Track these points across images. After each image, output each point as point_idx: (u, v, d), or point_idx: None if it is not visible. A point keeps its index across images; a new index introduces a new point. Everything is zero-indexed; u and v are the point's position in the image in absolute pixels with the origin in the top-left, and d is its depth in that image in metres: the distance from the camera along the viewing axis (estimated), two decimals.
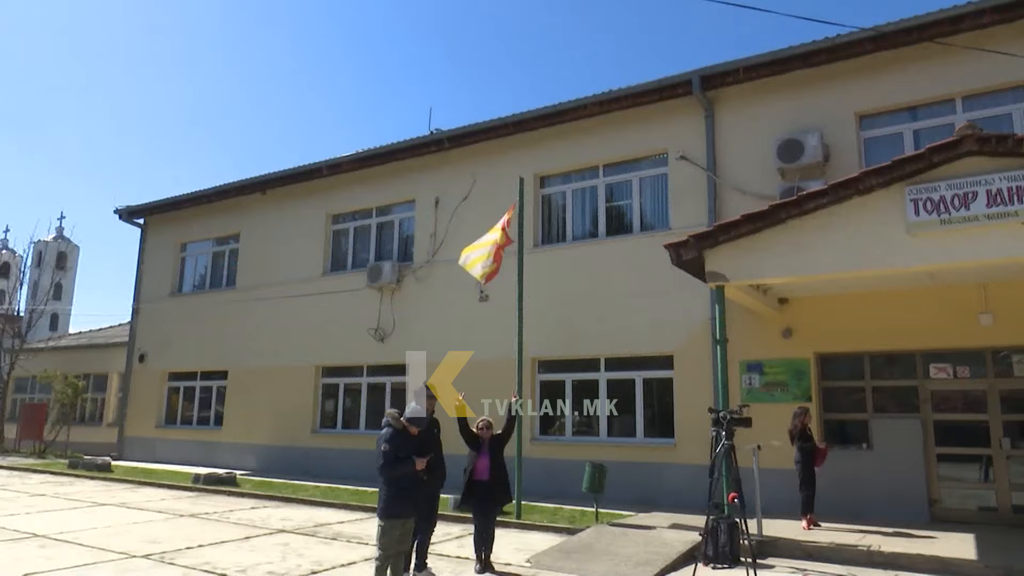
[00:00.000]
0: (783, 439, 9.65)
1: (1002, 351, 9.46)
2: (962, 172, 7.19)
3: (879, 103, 10.50)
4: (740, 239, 8.26)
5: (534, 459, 11.90)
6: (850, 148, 10.52)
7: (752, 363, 10.70)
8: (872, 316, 9.94)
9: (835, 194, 7.75)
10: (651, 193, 12.49)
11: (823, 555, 7.55)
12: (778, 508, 9.34)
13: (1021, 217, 6.87)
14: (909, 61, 10.11)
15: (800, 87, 10.96)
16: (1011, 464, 9.31)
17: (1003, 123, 9.60)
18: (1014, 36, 9.33)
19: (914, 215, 7.34)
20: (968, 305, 9.36)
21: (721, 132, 11.60)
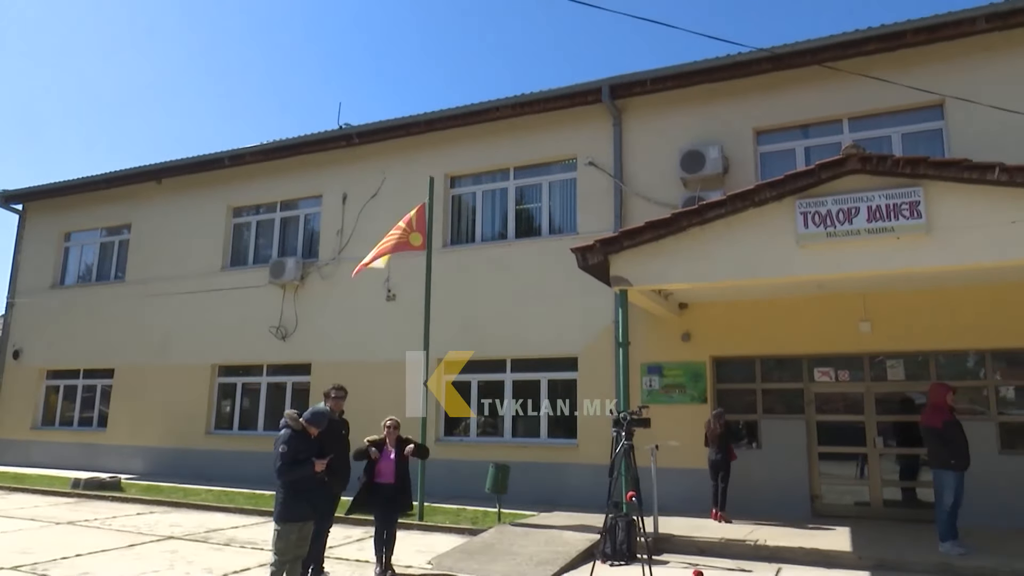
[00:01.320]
0: (680, 439, 10.05)
1: (878, 356, 10.16)
2: (847, 188, 7.69)
3: (775, 120, 11.07)
4: (644, 245, 8.52)
5: (439, 460, 11.82)
6: (748, 161, 11.04)
7: (652, 365, 11.05)
8: (764, 322, 10.46)
9: (733, 205, 8.11)
10: (560, 197, 12.69)
11: (714, 550, 7.87)
12: (674, 506, 9.66)
13: (897, 232, 7.41)
14: (803, 82, 10.70)
15: (703, 101, 11.41)
16: (883, 462, 10.02)
17: (884, 144, 10.31)
18: (894, 65, 10.05)
19: (803, 227, 7.78)
20: (850, 313, 10.00)
21: (628, 140, 11.93)
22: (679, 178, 11.14)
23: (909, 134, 10.34)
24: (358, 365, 13.08)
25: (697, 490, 10.18)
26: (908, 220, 7.36)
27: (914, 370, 9.97)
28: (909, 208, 7.38)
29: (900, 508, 9.79)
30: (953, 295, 9.43)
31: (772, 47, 10.32)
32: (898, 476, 10.02)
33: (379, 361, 12.91)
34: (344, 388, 6.98)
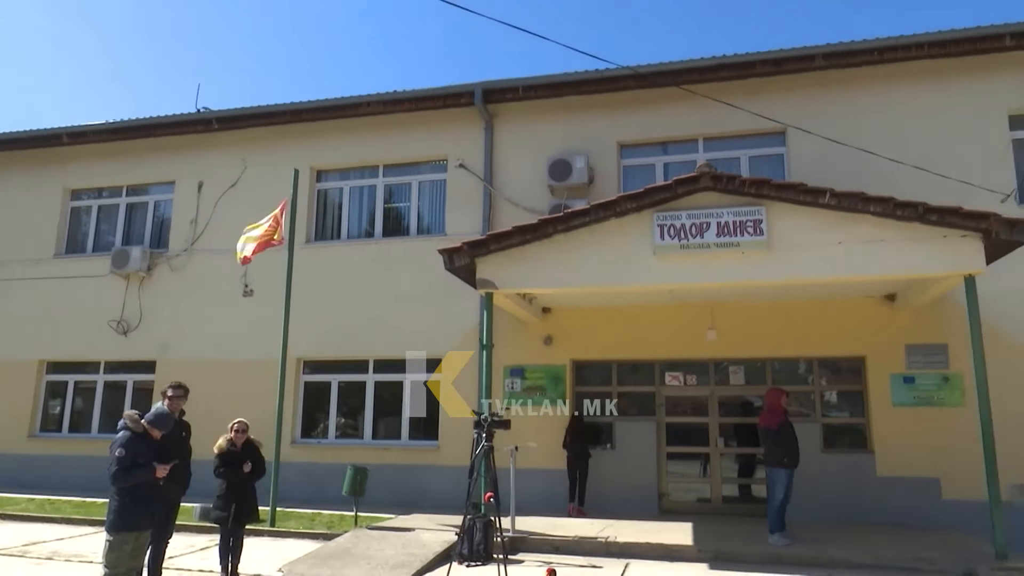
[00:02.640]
0: (540, 440, 10.29)
1: (723, 362, 10.88)
2: (700, 204, 8.19)
3: (637, 135, 11.60)
4: (511, 249, 8.65)
5: (294, 463, 11.43)
6: (611, 173, 11.49)
7: (515, 368, 11.23)
8: (621, 328, 10.91)
9: (596, 214, 8.41)
10: (429, 197, 12.63)
11: (568, 548, 8.11)
12: (532, 505, 9.88)
13: (742, 247, 7.98)
14: (664, 102, 11.27)
15: (572, 112, 11.75)
16: (723, 460, 10.75)
17: (733, 165, 11.07)
18: (745, 92, 10.81)
19: (660, 239, 8.21)
20: (699, 321, 10.63)
21: (499, 145, 12.07)
22: (547, 185, 11.41)
23: (755, 157, 11.17)
24: (212, 364, 12.37)
25: (554, 489, 10.47)
26: (752, 236, 7.96)
27: (753, 375, 10.76)
28: (753, 225, 7.97)
29: (737, 504, 10.54)
30: (789, 307, 10.27)
31: (636, 66, 10.80)
32: (736, 474, 10.78)
33: (237, 360, 12.28)
34: (184, 386, 6.44)
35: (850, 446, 10.21)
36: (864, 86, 10.65)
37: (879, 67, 10.49)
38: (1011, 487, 9.00)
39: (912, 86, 10.51)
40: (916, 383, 9.84)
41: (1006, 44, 9.94)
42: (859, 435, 10.21)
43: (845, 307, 10.10)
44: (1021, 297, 9.52)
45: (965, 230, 7.52)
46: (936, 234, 7.60)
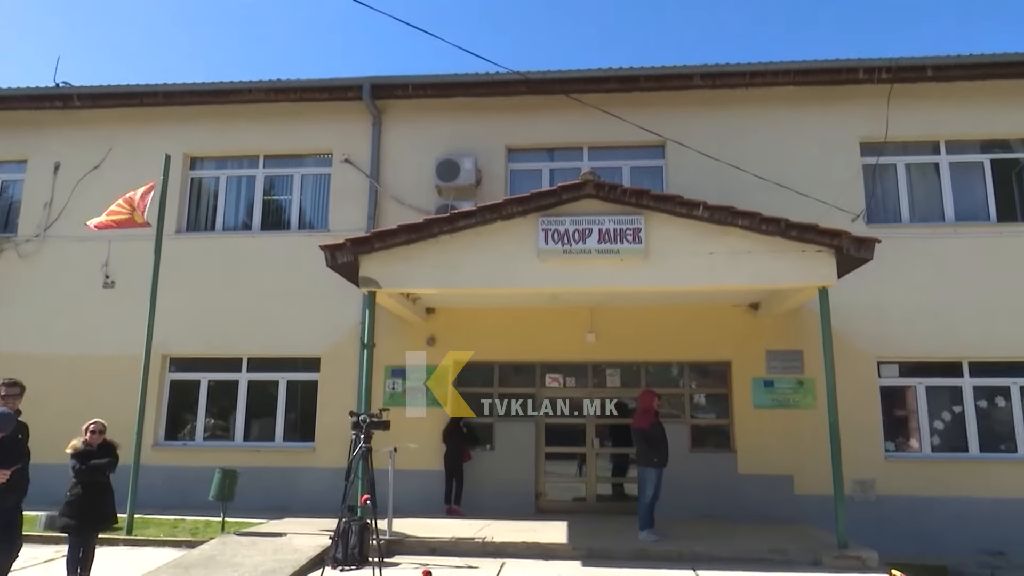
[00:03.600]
0: (421, 441, 10.22)
1: (600, 365, 11.22)
2: (583, 211, 8.42)
3: (525, 140, 11.77)
4: (395, 248, 8.54)
5: (156, 467, 10.77)
6: (499, 176, 11.59)
7: (397, 368, 11.09)
8: (504, 330, 11.01)
9: (482, 216, 8.46)
10: (312, 192, 12.25)
11: (445, 549, 8.09)
12: (411, 507, 9.80)
13: (621, 255, 8.27)
14: (552, 109, 11.49)
15: (462, 113, 11.75)
16: (599, 460, 11.09)
17: (616, 175, 11.45)
18: (629, 104, 11.20)
19: (544, 243, 8.36)
20: (579, 325, 10.91)
21: (387, 142, 11.89)
22: (434, 185, 11.35)
23: (637, 168, 11.61)
24: (66, 359, 11.44)
25: (433, 490, 10.44)
26: (631, 244, 8.26)
27: (629, 378, 11.16)
28: (632, 233, 8.28)
29: (611, 502, 10.89)
30: (663, 313, 10.73)
31: (526, 72, 10.96)
32: (611, 473, 11.14)
33: (95, 355, 11.41)
34: (19, 383, 5.79)
35: (715, 446, 10.79)
36: (737, 107, 11.31)
37: (750, 90, 11.18)
38: (853, 483, 9.83)
39: (779, 110, 11.27)
40: (775, 387, 10.55)
41: (859, 77, 10.85)
42: (724, 435, 10.82)
43: (714, 314, 10.68)
44: (865, 309, 10.41)
45: (820, 246, 8.14)
46: (796, 248, 8.18)
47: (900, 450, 10.50)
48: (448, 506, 10.28)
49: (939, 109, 11.05)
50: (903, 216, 11.09)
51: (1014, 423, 10.36)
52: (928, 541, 9.58)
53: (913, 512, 9.88)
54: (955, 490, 9.98)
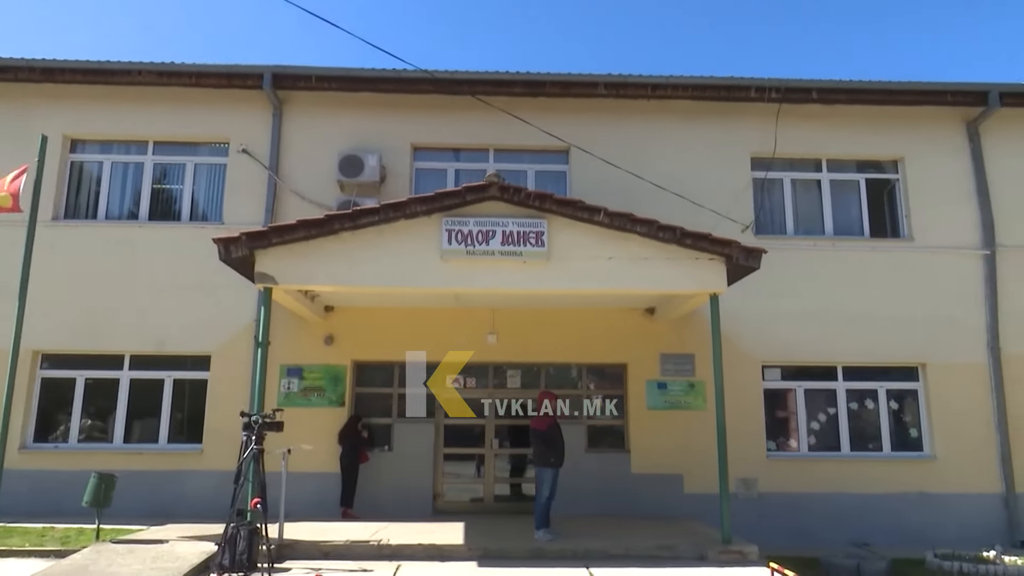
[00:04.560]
0: (316, 443, 9.95)
1: (501, 366, 11.29)
2: (487, 212, 8.45)
3: (432, 139, 11.69)
4: (294, 243, 8.29)
5: (23, 471, 9.98)
6: (404, 174, 11.46)
7: (292, 367, 10.76)
8: (405, 329, 10.90)
9: (385, 214, 8.33)
10: (207, 182, 11.70)
11: (338, 553, 7.90)
12: (305, 511, 9.53)
13: (523, 257, 8.35)
14: (459, 109, 11.46)
15: (367, 108, 11.54)
16: (497, 461, 11.15)
17: (521, 178, 11.56)
18: (535, 109, 11.33)
19: (447, 244, 8.34)
20: (480, 326, 10.94)
21: (288, 134, 11.52)
22: (336, 180, 11.09)
23: (541, 172, 11.77)
24: None
25: (329, 493, 10.19)
26: (534, 247, 8.36)
27: (529, 379, 11.29)
28: (535, 237, 8.38)
29: (508, 502, 10.98)
30: (563, 316, 10.92)
31: (433, 71, 10.89)
32: (508, 474, 11.23)
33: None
34: None
35: (610, 446, 11.07)
36: (639, 117, 11.66)
37: (652, 101, 11.55)
38: (738, 481, 10.33)
39: (677, 122, 11.70)
40: (667, 389, 10.93)
41: (751, 96, 11.43)
42: (619, 436, 11.11)
43: (612, 318, 10.96)
44: (752, 315, 10.96)
45: (713, 254, 8.51)
46: (690, 256, 8.52)
47: (781, 449, 11.12)
48: (343, 509, 10.07)
49: (822, 129, 11.78)
50: (788, 228, 11.76)
51: (880, 424, 11.18)
52: (804, 535, 10.21)
53: (791, 508, 10.49)
54: (829, 487, 10.66)
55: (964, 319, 11.25)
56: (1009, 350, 11.12)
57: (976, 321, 11.25)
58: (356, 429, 10.46)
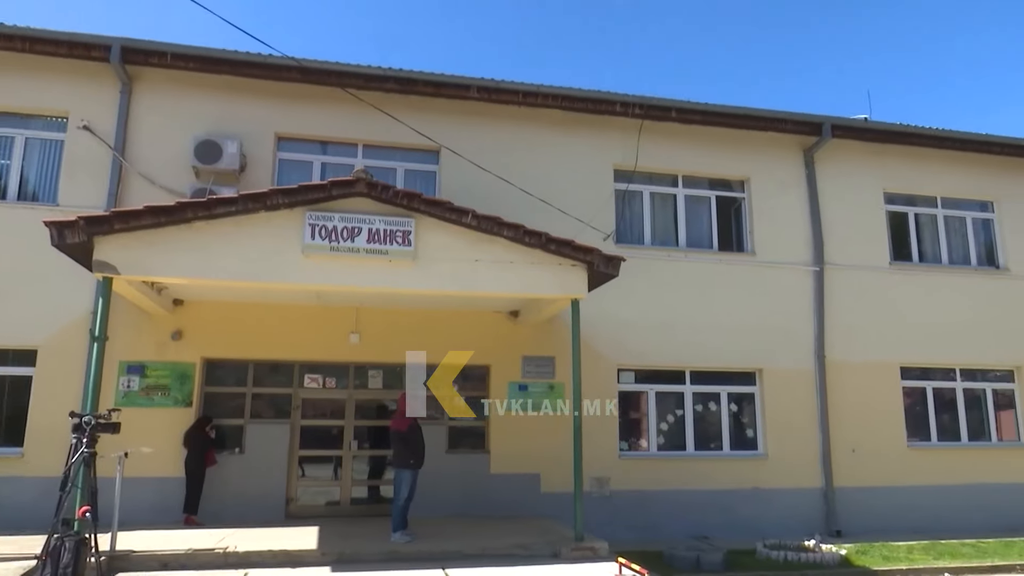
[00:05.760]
0: (159, 445, 9.32)
1: (363, 366, 11.06)
2: (353, 209, 8.26)
3: (298, 130, 11.26)
4: (140, 231, 7.71)
5: None
6: (266, 164, 10.96)
7: (133, 364, 10.00)
8: (262, 326, 10.44)
9: (244, 205, 7.93)
10: (40, 158, 10.63)
11: (179, 563, 7.42)
12: (143, 518, 8.91)
13: (390, 256, 8.24)
14: (328, 101, 11.13)
15: (229, 92, 10.94)
16: (356, 463, 10.92)
17: (389, 175, 11.40)
18: (407, 107, 11.22)
19: (310, 238, 8.06)
20: (342, 325, 10.67)
21: (138, 112, 10.70)
22: (191, 166, 10.43)
23: (411, 171, 11.66)
24: None
25: (171, 499, 9.56)
26: (400, 246, 8.27)
27: (391, 380, 11.13)
28: (402, 236, 8.29)
29: (366, 505, 10.77)
30: (428, 316, 10.86)
31: (302, 59, 10.51)
32: (367, 476, 11.02)
33: None
34: None
35: (471, 447, 11.14)
36: (510, 122, 11.83)
37: (523, 108, 11.76)
38: (592, 480, 10.72)
39: (547, 130, 11.99)
40: (528, 390, 11.16)
41: (616, 110, 11.92)
42: (479, 437, 11.21)
43: (477, 320, 11.05)
44: (610, 320, 11.42)
45: (575, 261, 8.79)
46: (554, 261, 8.75)
47: (632, 449, 11.66)
48: (186, 516, 9.48)
49: (680, 147, 12.50)
50: (646, 239, 12.36)
51: (721, 425, 12.00)
52: (652, 529, 10.77)
53: (641, 505, 11.02)
54: (675, 484, 11.30)
55: (796, 329, 12.31)
56: (833, 357, 12.29)
57: (806, 331, 12.34)
58: (204, 430, 9.88)
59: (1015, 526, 12.11)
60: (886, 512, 11.90)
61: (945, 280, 13.17)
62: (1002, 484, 12.48)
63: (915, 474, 12.24)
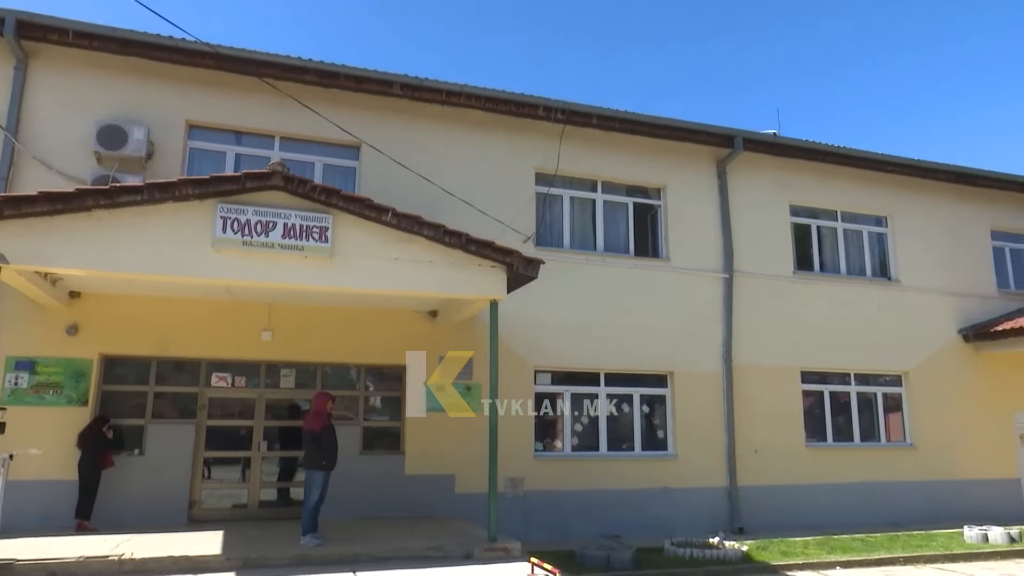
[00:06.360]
0: (50, 446, 8.78)
1: (275, 365, 10.73)
2: (268, 202, 8.01)
3: (211, 118, 10.82)
4: (33, 218, 7.25)
5: None
6: (176, 153, 10.49)
7: (22, 360, 9.36)
8: (168, 322, 9.98)
9: (151, 194, 7.58)
10: None
11: (69, 571, 7.00)
12: (29, 525, 8.39)
13: (306, 252, 8.04)
14: (244, 90, 10.74)
15: (137, 75, 10.41)
16: (265, 464, 10.58)
17: (307, 170, 11.10)
18: (328, 100, 10.97)
19: (221, 232, 7.77)
20: (254, 322, 10.34)
21: (35, 91, 10.04)
22: (93, 152, 9.86)
23: (330, 166, 11.40)
24: None
25: (63, 504, 9.01)
26: (316, 242, 8.08)
27: (305, 379, 10.85)
28: (319, 232, 8.10)
29: (275, 508, 10.44)
30: (345, 315, 10.65)
31: (217, 45, 10.12)
32: (277, 478, 10.69)
33: None
34: None
35: (386, 448, 10.98)
36: (433, 121, 11.74)
37: (446, 108, 11.70)
38: (506, 480, 10.77)
39: (470, 130, 11.97)
40: (445, 391, 11.10)
41: (539, 114, 12.03)
42: (395, 438, 11.07)
43: (394, 319, 10.91)
44: (528, 322, 11.50)
45: (495, 262, 8.81)
46: (474, 262, 8.75)
47: (547, 450, 11.78)
48: (78, 521, 8.92)
49: (600, 153, 12.73)
50: (565, 242, 12.53)
51: (633, 426, 12.29)
52: (565, 530, 10.93)
53: (554, 505, 11.16)
54: (588, 484, 11.50)
55: (705, 333, 12.75)
56: (739, 361, 12.79)
57: (715, 335, 12.80)
58: (100, 431, 9.34)
59: (900, 521, 12.95)
60: (786, 509, 12.48)
61: (843, 290, 13.94)
62: (889, 482, 13.31)
63: (812, 473, 12.89)
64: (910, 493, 13.37)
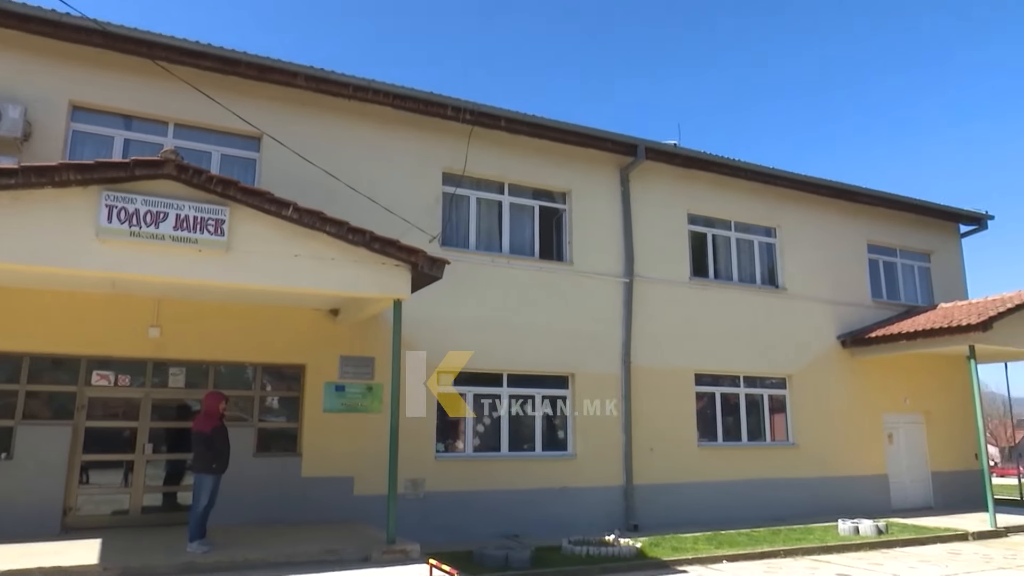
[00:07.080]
0: None
1: (163, 363, 10.19)
2: (159, 192, 7.61)
3: (97, 100, 10.16)
4: None
5: None
6: (57, 135, 9.80)
7: None
8: (43, 316, 9.31)
9: (27, 178, 7.04)
10: None
11: None
12: None
13: (200, 245, 7.69)
14: (135, 72, 10.17)
15: (14, 50, 9.65)
16: (149, 467, 10.02)
17: (203, 159, 10.61)
18: (227, 88, 10.54)
19: (107, 221, 7.32)
20: (141, 317, 9.79)
21: None
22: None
23: (228, 156, 10.94)
24: None
25: None
26: (212, 236, 7.74)
27: (196, 378, 10.36)
28: (214, 225, 7.77)
29: (160, 513, 9.91)
30: (240, 311, 10.26)
31: (105, 22, 9.53)
32: (163, 482, 10.15)
33: None
34: None
35: (282, 450, 10.64)
36: (339, 116, 11.49)
37: (353, 102, 11.48)
38: (406, 482, 10.67)
39: (377, 127, 11.79)
40: (345, 391, 10.88)
41: (448, 113, 11.99)
42: (291, 439, 10.74)
43: (293, 317, 10.60)
44: (432, 322, 11.44)
45: (399, 261, 8.71)
46: (377, 261, 8.61)
47: (449, 451, 11.74)
48: None
49: (507, 156, 12.82)
50: (471, 243, 12.54)
51: (535, 427, 12.44)
52: (465, 531, 10.91)
53: (455, 506, 11.13)
54: (489, 484, 11.54)
55: (606, 336, 13.07)
56: (637, 363, 13.19)
57: (615, 338, 13.14)
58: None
59: (783, 516, 13.72)
60: (678, 507, 12.96)
61: (735, 296, 14.62)
62: (774, 479, 14.07)
63: (703, 471, 13.45)
64: (793, 490, 14.18)
